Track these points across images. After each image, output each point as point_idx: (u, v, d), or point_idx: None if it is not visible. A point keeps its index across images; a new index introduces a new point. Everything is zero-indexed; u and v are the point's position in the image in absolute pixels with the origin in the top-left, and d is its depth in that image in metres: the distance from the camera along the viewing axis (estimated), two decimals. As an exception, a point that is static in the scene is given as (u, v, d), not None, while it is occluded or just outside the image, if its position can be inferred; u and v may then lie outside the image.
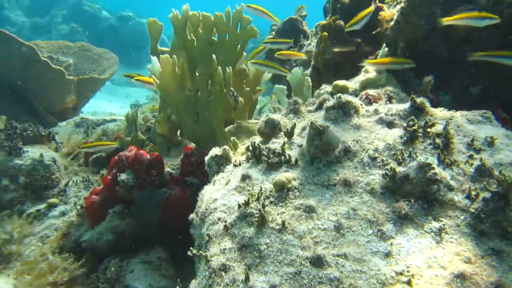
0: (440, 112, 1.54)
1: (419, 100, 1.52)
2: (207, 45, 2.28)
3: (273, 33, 4.71)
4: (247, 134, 2.43)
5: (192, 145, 2.50)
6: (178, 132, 2.74)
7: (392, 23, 2.15)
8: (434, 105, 1.98)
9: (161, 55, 2.27)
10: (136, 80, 2.78)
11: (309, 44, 3.47)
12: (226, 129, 2.47)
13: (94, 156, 3.39)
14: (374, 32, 2.42)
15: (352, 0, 2.51)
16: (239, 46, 2.31)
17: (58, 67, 4.29)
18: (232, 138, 2.02)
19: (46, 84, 4.27)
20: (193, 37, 2.29)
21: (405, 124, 1.46)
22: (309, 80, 2.25)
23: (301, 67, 2.27)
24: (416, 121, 1.44)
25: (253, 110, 2.85)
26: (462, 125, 1.45)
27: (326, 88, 2.10)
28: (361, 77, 2.08)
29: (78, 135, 3.93)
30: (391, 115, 1.55)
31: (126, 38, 14.94)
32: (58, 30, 13.88)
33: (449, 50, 2.09)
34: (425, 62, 2.19)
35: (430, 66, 2.19)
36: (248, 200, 1.27)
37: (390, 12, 2.26)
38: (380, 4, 2.52)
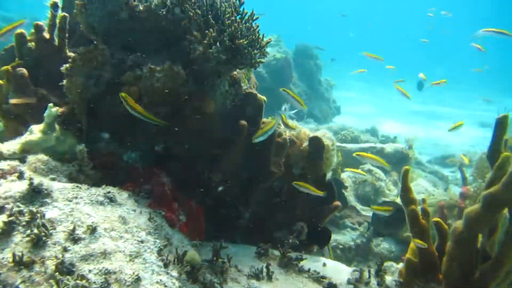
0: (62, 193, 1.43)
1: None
2: None
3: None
4: None
5: None
6: None
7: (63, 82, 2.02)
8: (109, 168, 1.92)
9: None
10: None
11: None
12: None
13: None
14: (61, 84, 2.25)
15: (39, 47, 2.28)
16: None
17: None
18: None
19: None
20: None
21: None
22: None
23: None
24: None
25: None
26: (78, 209, 1.37)
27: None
28: (23, 138, 1.85)
29: None
30: (5, 198, 1.36)
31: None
32: None
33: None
34: (109, 119, 2.15)
35: (114, 122, 2.16)
36: None
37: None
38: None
